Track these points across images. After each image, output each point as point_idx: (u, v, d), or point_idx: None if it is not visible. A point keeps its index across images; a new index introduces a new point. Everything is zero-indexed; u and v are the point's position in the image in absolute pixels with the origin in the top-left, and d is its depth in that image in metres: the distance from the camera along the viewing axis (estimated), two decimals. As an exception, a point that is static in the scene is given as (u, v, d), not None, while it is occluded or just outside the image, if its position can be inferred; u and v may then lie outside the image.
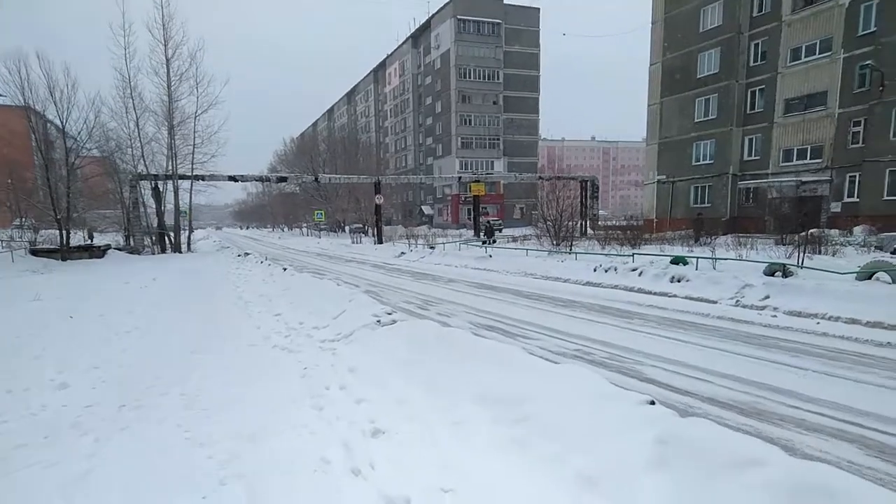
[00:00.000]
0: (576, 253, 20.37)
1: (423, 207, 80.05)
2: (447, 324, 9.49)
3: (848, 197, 27.98)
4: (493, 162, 70.97)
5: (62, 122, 26.44)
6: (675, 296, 11.29)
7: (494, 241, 28.20)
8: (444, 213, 74.25)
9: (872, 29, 26.70)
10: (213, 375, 5.89)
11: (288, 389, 5.28)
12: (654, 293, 11.82)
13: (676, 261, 15.18)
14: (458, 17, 67.82)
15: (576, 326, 9.04)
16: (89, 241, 29.36)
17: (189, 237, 35.97)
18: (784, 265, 12.58)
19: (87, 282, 17.24)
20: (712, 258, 14.76)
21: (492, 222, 55.62)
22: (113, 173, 32.94)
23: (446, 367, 4.92)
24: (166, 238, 33.61)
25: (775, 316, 9.01)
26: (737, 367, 6.43)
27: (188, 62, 31.50)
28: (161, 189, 33.06)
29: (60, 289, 15.49)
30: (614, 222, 41.96)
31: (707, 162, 35.91)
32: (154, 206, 33.32)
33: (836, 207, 28.11)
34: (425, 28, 76.64)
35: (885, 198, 25.47)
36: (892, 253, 16.76)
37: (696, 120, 36.37)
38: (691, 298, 10.85)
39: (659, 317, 9.62)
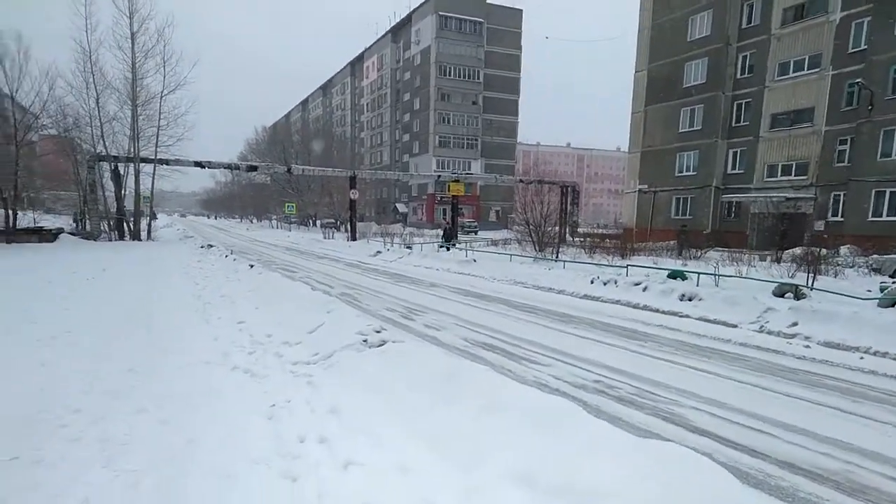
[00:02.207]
0: (563, 261, 19.34)
1: (397, 205, 78.61)
2: (437, 339, 8.32)
3: (832, 216, 27.61)
4: (470, 162, 69.96)
5: (11, 93, 24.41)
6: (687, 316, 10.24)
7: (454, 245, 26.90)
8: (419, 211, 73.02)
9: (863, 47, 26.34)
10: (150, 409, 4.50)
11: (249, 439, 3.94)
12: (663, 311, 10.76)
13: (675, 275, 14.24)
14: (440, 13, 66.63)
15: (585, 349, 7.90)
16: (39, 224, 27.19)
17: (150, 224, 34.03)
18: (795, 286, 11.69)
19: (27, 268, 15.53)
20: (714, 274, 13.85)
21: (466, 224, 54.79)
22: (70, 152, 30.86)
23: (465, 420, 3.68)
24: (125, 224, 31.60)
25: (808, 347, 8.00)
26: (793, 413, 5.36)
27: (155, 38, 29.73)
28: (122, 172, 31.08)
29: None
30: (590, 230, 41.29)
31: (690, 173, 35.39)
32: (113, 190, 31.32)
33: (819, 226, 27.65)
34: (405, 23, 75.21)
35: (871, 218, 25.10)
36: (891, 276, 16.11)
37: (680, 130, 35.85)
38: (707, 320, 9.81)
39: (675, 340, 8.55)
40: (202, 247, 25.17)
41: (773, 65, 30.93)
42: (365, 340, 5.88)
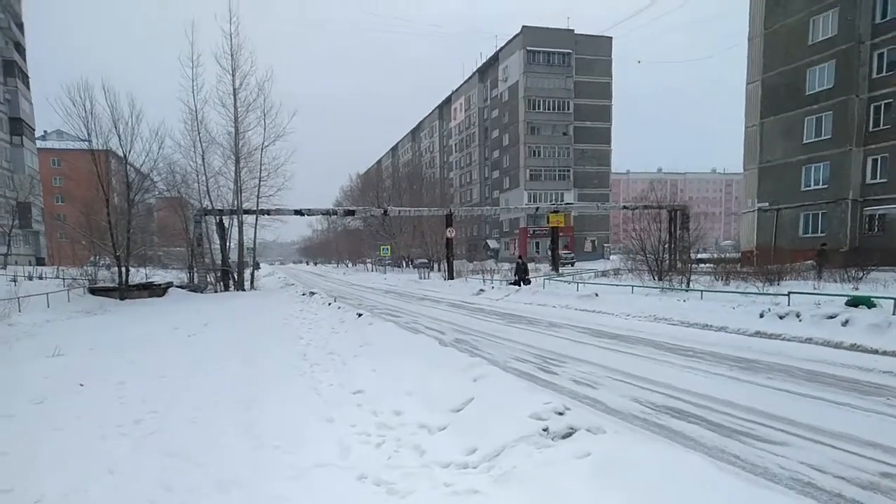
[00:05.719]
0: (698, 290, 16.79)
1: (488, 241, 77.56)
2: (598, 401, 6.42)
3: None
4: (562, 193, 67.80)
5: (125, 155, 25.16)
6: (929, 360, 7.74)
7: (528, 282, 24.42)
8: (511, 246, 71.43)
9: None
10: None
11: None
12: (884, 353, 8.25)
13: (856, 302, 11.58)
14: (528, 48, 66.11)
15: (815, 414, 5.59)
16: (150, 280, 27.67)
17: (253, 274, 34.15)
18: None
19: (132, 327, 15.04)
20: (918, 301, 11.04)
21: (563, 255, 52.16)
22: (178, 209, 31.79)
23: None
24: (230, 275, 31.83)
25: None
26: None
27: (256, 92, 30.04)
28: (226, 224, 31.51)
29: (100, 336, 13.29)
30: (695, 255, 37.70)
31: (820, 187, 31.75)
32: (219, 242, 31.80)
33: None
34: (493, 62, 75.30)
35: None
36: None
37: (805, 141, 32.43)
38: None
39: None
40: (303, 294, 24.44)
41: (918, 58, 27.25)
42: (546, 429, 4.03)
